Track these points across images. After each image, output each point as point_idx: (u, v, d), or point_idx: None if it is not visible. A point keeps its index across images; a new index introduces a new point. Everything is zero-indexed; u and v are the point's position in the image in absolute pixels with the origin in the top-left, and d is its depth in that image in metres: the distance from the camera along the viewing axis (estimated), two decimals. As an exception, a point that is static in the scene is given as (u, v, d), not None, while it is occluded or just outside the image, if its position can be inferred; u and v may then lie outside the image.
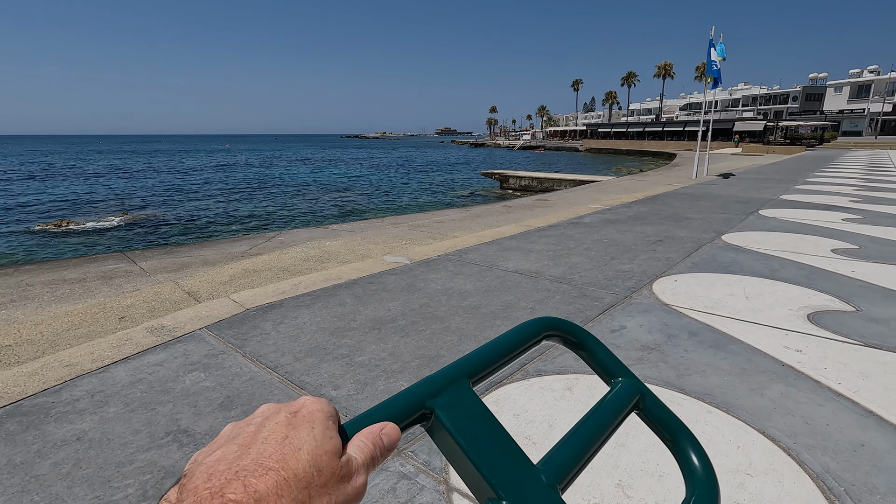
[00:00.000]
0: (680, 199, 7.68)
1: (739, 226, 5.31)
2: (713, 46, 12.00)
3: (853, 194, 8.00)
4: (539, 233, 5.10)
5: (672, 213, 6.24)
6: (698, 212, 6.36)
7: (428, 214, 8.78)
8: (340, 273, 3.63)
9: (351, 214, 13.03)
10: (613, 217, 6.06)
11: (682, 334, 2.43)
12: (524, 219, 6.72)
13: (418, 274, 3.57)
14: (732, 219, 5.79)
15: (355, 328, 2.56)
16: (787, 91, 67.80)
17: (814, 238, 4.65)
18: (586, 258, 3.98)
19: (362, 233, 6.56)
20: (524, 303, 2.92)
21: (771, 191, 8.64)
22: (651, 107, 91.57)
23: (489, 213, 8.04)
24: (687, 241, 4.60)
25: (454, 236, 5.71)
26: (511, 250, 4.30)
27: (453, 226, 6.73)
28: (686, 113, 78.74)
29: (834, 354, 2.20)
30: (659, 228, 5.24)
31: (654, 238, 4.74)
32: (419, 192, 20.00)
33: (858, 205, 6.81)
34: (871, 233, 4.89)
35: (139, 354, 2.27)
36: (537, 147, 76.12)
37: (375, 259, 4.15)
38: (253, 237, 7.25)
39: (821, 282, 3.27)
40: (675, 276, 3.42)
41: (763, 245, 4.37)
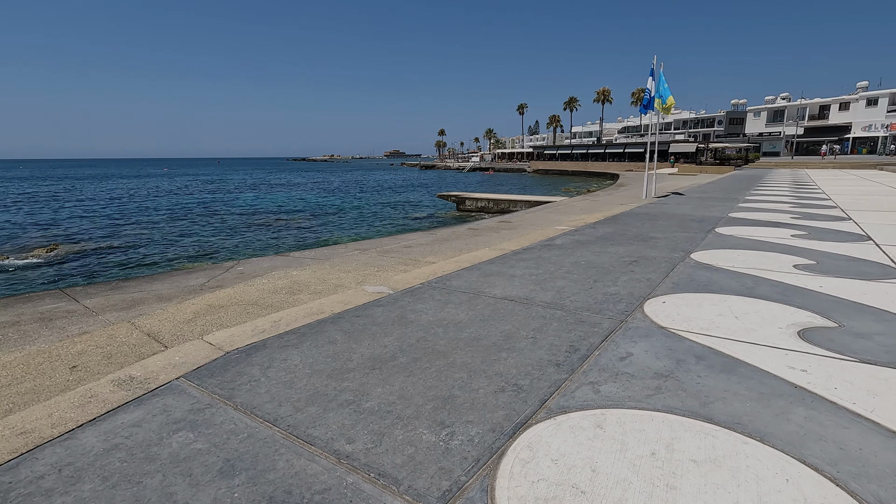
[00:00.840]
0: (639, 219, 7.95)
1: (703, 244, 5.52)
2: (652, 76, 12.70)
3: (791, 211, 8.59)
4: (516, 256, 5.07)
5: (637, 234, 6.43)
6: (661, 231, 6.59)
7: (393, 239, 8.61)
8: (322, 306, 3.41)
9: (310, 241, 12.61)
10: (583, 238, 6.16)
11: (690, 359, 2.42)
12: (494, 242, 6.70)
13: (406, 304, 3.41)
14: (695, 237, 6.03)
15: (354, 369, 2.37)
16: (712, 115, 73.38)
17: (774, 255, 4.89)
18: (571, 281, 3.97)
19: (329, 260, 6.31)
20: (524, 332, 2.83)
21: (718, 209, 9.14)
22: (592, 130, 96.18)
23: (456, 236, 7.99)
24: (660, 261, 4.71)
25: (429, 262, 5.58)
26: (493, 276, 4.23)
27: (423, 250, 6.61)
28: (624, 135, 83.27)
29: (837, 373, 2.24)
30: (630, 249, 5.35)
31: (628, 259, 4.82)
32: (377, 215, 19.77)
33: (799, 221, 7.30)
34: (821, 248, 5.22)
35: (110, 414, 1.98)
36: (487, 168, 77.75)
37: (355, 289, 3.95)
38: (209, 268, 6.80)
39: (796, 298, 3.40)
40: (663, 298, 3.46)
41: (732, 263, 4.54)
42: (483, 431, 1.81)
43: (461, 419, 1.90)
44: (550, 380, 2.22)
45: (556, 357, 2.47)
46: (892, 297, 3.41)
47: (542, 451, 1.68)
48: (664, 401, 2.01)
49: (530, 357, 2.48)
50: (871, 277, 3.95)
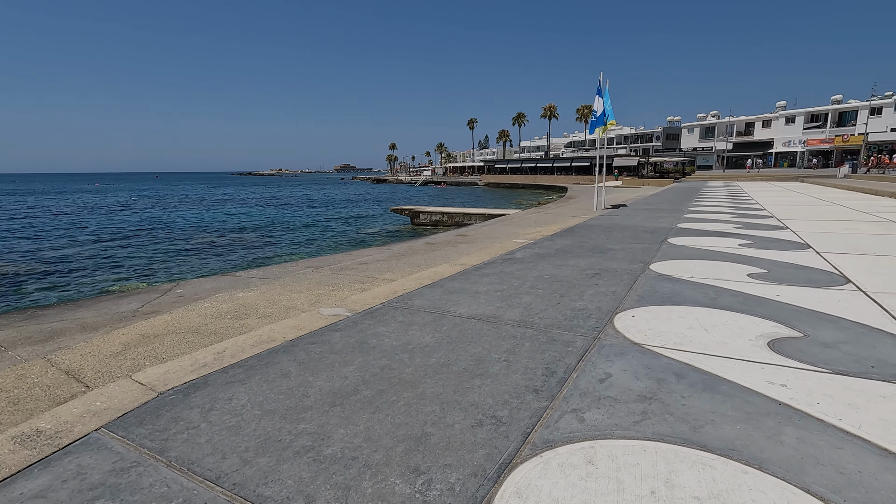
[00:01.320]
0: (595, 231, 8.05)
1: (660, 255, 5.60)
2: (600, 94, 13.10)
3: (734, 221, 8.98)
4: (477, 272, 4.92)
5: (595, 245, 6.46)
6: (617, 243, 6.66)
7: (347, 255, 8.28)
8: (273, 333, 3.09)
9: (258, 259, 11.98)
10: (542, 251, 6.11)
11: (670, 377, 2.32)
12: (453, 256, 6.54)
13: (366, 328, 3.15)
14: (650, 248, 6.12)
15: (311, 407, 2.09)
16: (651, 131, 77.49)
17: (727, 264, 5.00)
18: (537, 297, 3.85)
19: (279, 280, 5.92)
20: (495, 354, 2.65)
21: (667, 220, 9.44)
22: (540, 144, 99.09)
23: (413, 251, 7.77)
24: (622, 273, 4.70)
25: (387, 279, 5.33)
26: (457, 293, 4.04)
27: (380, 267, 6.34)
28: (570, 150, 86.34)
29: (815, 387, 2.20)
30: (590, 261, 5.33)
31: (590, 272, 4.78)
32: (329, 230, 19.19)
33: (743, 231, 7.62)
34: (768, 256, 5.40)
35: (7, 482, 1.61)
36: (439, 182, 78.16)
37: (309, 313, 3.65)
38: (144, 291, 6.23)
39: (758, 308, 3.43)
40: (631, 312, 3.39)
41: (690, 273, 4.58)
42: (464, 476, 1.60)
43: (438, 462, 1.68)
44: (531, 409, 2.05)
45: (534, 382, 2.30)
46: (844, 304, 3.50)
47: (532, 497, 1.49)
48: (653, 427, 1.88)
49: (506, 383, 2.29)
50: (820, 285, 4.07)
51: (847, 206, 11.76)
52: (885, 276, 4.31)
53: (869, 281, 4.15)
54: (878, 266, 4.77)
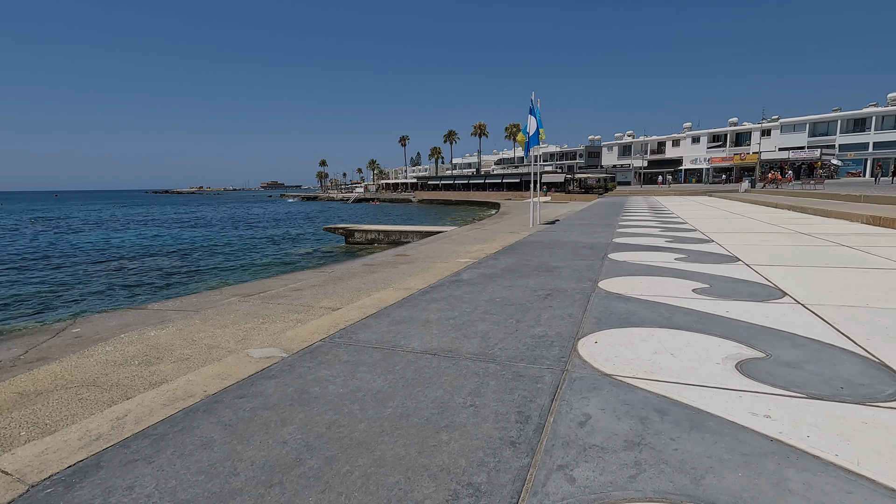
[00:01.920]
0: (536, 248, 8.03)
1: (605, 272, 5.58)
2: (532, 113, 13.41)
3: (663, 235, 9.37)
4: (425, 297, 4.60)
5: (539, 264, 6.37)
6: (561, 260, 6.63)
7: (279, 280, 7.64)
8: (191, 385, 2.58)
9: (177, 287, 10.85)
10: (489, 271, 5.92)
11: (652, 415, 2.13)
12: (396, 279, 6.18)
13: (306, 372, 2.73)
14: (593, 265, 6.12)
15: (241, 490, 1.66)
16: (574, 149, 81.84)
17: (670, 279, 5.06)
18: (492, 324, 3.59)
19: (200, 312, 5.25)
20: (459, 398, 2.34)
21: (602, 235, 9.67)
22: (471, 161, 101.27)
23: (351, 273, 7.31)
24: (573, 292, 4.58)
25: (326, 308, 4.87)
26: (406, 323, 3.70)
27: (317, 293, 5.84)
28: (501, 167, 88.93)
29: (798, 415, 2.10)
30: (539, 281, 5.20)
31: (541, 293, 4.62)
32: (256, 252, 18.02)
33: (674, 245, 7.92)
34: (705, 270, 5.55)
35: None
36: (373, 199, 77.24)
37: (236, 355, 3.14)
38: (31, 332, 5.29)
39: (713, 327, 3.39)
40: (593, 337, 3.23)
41: (638, 291, 4.56)
42: (447, 580, 1.26)
43: (411, 561, 1.33)
44: (511, 469, 1.75)
45: (508, 432, 2.01)
46: (790, 319, 3.56)
47: None
48: (652, 483, 1.65)
49: (476, 435, 1.99)
50: (761, 299, 4.17)
51: (756, 218, 12.77)
52: (813, 288, 4.50)
53: (802, 293, 4.31)
54: (803, 277, 5.01)
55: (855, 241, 7.65)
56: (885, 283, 4.61)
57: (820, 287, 4.52)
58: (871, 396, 2.26)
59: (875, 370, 2.57)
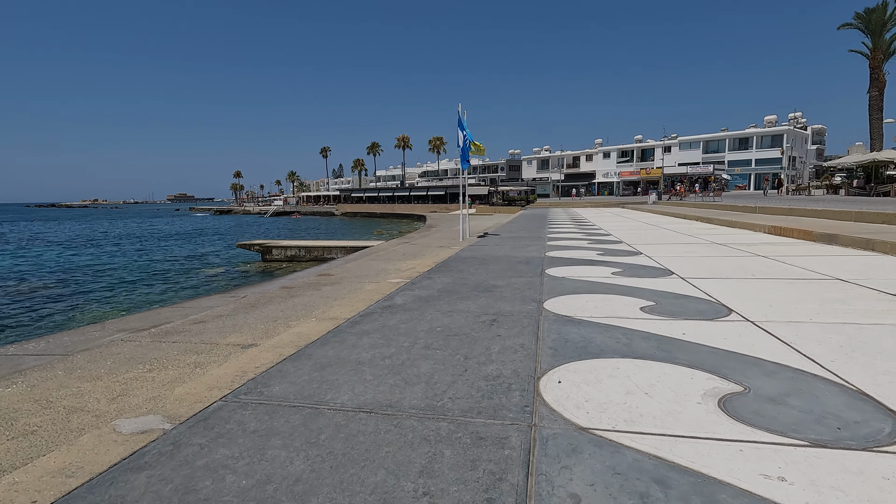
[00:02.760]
0: (470, 265, 7.63)
1: (547, 290, 5.27)
2: (461, 127, 13.18)
3: (592, 248, 9.40)
4: (354, 328, 3.97)
5: (477, 282, 5.95)
6: (498, 277, 6.26)
7: (179, 309, 6.56)
8: (14, 496, 1.78)
9: (51, 320, 9.13)
10: (424, 293, 5.39)
11: (653, 489, 1.70)
12: (320, 305, 5.46)
13: (195, 455, 2.02)
14: (533, 282, 5.81)
15: None
16: (496, 163, 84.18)
17: (615, 297, 4.84)
18: (437, 363, 3.06)
19: (69, 358, 4.20)
20: (408, 482, 1.78)
21: (534, 249, 9.52)
22: (395, 174, 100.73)
23: (267, 299, 6.44)
24: (519, 316, 4.18)
25: (233, 346, 4.06)
26: (332, 366, 3.06)
27: (224, 326, 4.97)
28: (425, 179, 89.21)
29: (813, 473, 1.77)
30: (480, 303, 4.75)
31: (486, 318, 4.17)
32: (156, 274, 16.05)
33: (606, 258, 7.89)
34: (645, 286, 5.43)
35: None
36: (293, 212, 74.00)
37: (99, 430, 2.34)
38: None
39: (677, 353, 3.12)
40: (555, 374, 2.80)
41: (586, 311, 4.25)
42: None
43: None
44: None
45: (480, 538, 1.48)
46: (747, 339, 3.38)
47: None
48: None
49: (438, 549, 1.43)
50: (710, 317, 4.02)
51: (671, 229, 13.41)
52: (755, 303, 4.46)
53: (746, 309, 4.23)
54: (739, 291, 5.01)
55: (766, 250, 8.07)
56: (815, 295, 4.68)
57: (760, 302, 4.48)
58: (872, 439, 2.01)
59: (859, 402, 2.36)
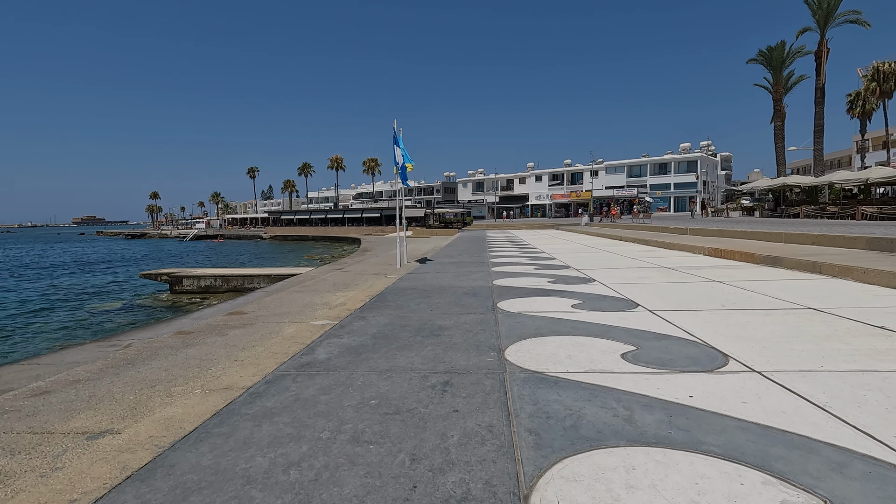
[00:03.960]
0: (411, 298, 6.64)
1: (504, 332, 4.40)
2: (397, 144, 12.31)
3: (540, 274, 8.74)
4: (253, 405, 2.85)
5: (421, 323, 4.98)
6: (445, 315, 5.32)
7: (25, 368, 4.96)
8: None
9: None
10: (356, 341, 4.33)
11: None
12: (217, 360, 4.22)
13: None
14: (486, 320, 4.93)
15: None
16: (432, 185, 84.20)
17: (587, 340, 4.05)
18: (369, 473, 2.03)
19: None
20: None
21: (480, 277, 8.70)
22: (328, 195, 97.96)
23: (154, 349, 5.06)
24: (478, 375, 3.24)
25: (76, 434, 2.76)
26: (204, 490, 1.94)
27: (75, 398, 3.60)
28: (360, 201, 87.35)
29: None
30: (426, 355, 3.78)
31: (434, 380, 3.19)
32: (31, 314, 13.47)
33: (559, 286, 7.21)
34: (614, 322, 4.72)
35: None
36: (215, 236, 69.26)
37: None
38: None
39: (702, 434, 2.31)
40: (549, 487, 1.87)
41: (559, 364, 3.41)
42: None
43: None
44: None
45: None
46: (771, 404, 2.66)
47: None
48: None
49: None
50: (709, 367, 3.31)
51: (613, 251, 13.21)
52: (747, 344, 3.84)
53: (743, 354, 3.57)
54: (720, 327, 4.41)
55: (718, 274, 7.78)
56: (802, 330, 4.16)
57: (751, 342, 3.86)
58: None
59: None
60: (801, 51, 34.44)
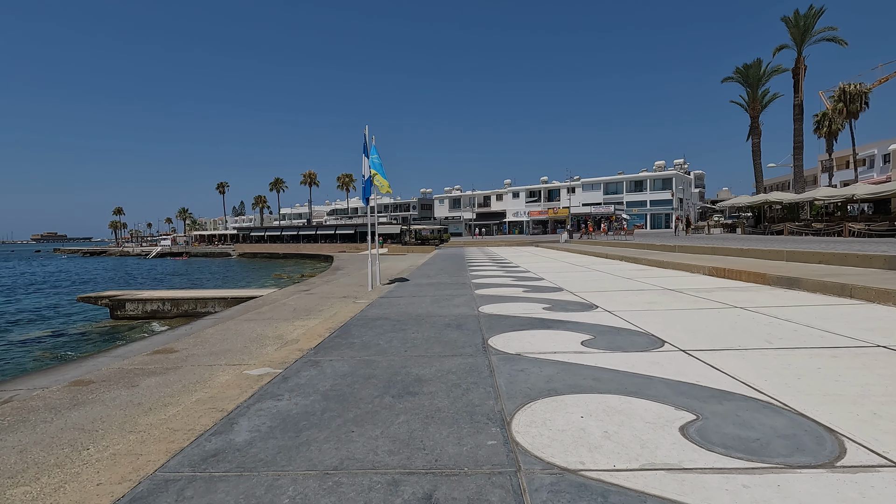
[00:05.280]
0: (380, 331, 5.41)
1: (505, 391, 3.22)
2: (365, 152, 11.16)
3: (532, 298, 7.65)
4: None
5: (391, 371, 3.76)
6: (421, 358, 4.11)
7: None
8: None
9: None
10: (297, 406, 3.08)
11: None
12: (105, 432, 2.91)
13: None
14: (476, 366, 3.75)
15: None
16: (408, 201, 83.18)
17: (621, 402, 2.92)
18: None
19: None
20: None
21: (463, 302, 7.54)
22: (301, 211, 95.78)
23: (23, 415, 3.68)
24: (473, 475, 2.05)
25: None
26: None
27: None
28: (334, 217, 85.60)
29: None
30: (396, 433, 2.57)
31: (408, 493, 1.99)
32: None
33: (558, 314, 6.12)
34: (651, 371, 3.61)
35: None
36: (180, 253, 66.32)
37: None
38: None
39: None
40: None
41: (597, 453, 2.26)
42: None
43: None
44: None
45: None
46: None
47: None
48: None
49: None
50: (820, 458, 2.21)
51: (604, 270, 12.26)
52: (841, 406, 2.77)
53: (851, 427, 2.49)
54: (788, 378, 3.34)
55: (734, 298, 6.81)
56: (879, 375, 3.12)
57: (847, 404, 2.79)
58: None
59: None
60: (777, 69, 34.90)
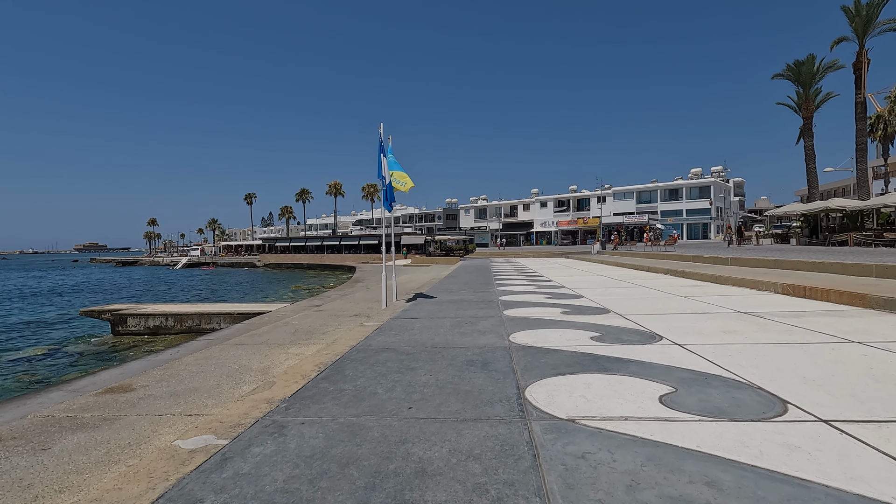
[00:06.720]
0: (381, 370, 4.16)
1: (559, 499, 1.92)
2: (384, 153, 10.05)
3: (575, 323, 6.28)
4: None
5: (379, 452, 2.49)
6: (427, 423, 2.84)
7: None
8: None
9: None
10: (213, 535, 1.84)
11: None
12: None
13: None
14: (511, 447, 2.45)
15: None
16: (433, 211, 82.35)
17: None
18: None
19: None
20: None
21: (489, 326, 6.23)
22: (327, 222, 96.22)
23: None
24: None
25: None
26: None
27: None
28: (359, 228, 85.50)
29: None
30: None
31: None
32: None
33: (616, 347, 4.77)
34: (793, 467, 2.25)
35: None
36: (207, 264, 67.04)
37: None
38: None
39: None
40: None
41: None
42: None
43: None
44: None
45: None
46: None
47: None
48: None
49: None
50: None
51: (649, 286, 10.74)
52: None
53: None
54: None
55: (839, 328, 5.30)
56: None
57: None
58: None
59: None
60: (833, 65, 32.07)
